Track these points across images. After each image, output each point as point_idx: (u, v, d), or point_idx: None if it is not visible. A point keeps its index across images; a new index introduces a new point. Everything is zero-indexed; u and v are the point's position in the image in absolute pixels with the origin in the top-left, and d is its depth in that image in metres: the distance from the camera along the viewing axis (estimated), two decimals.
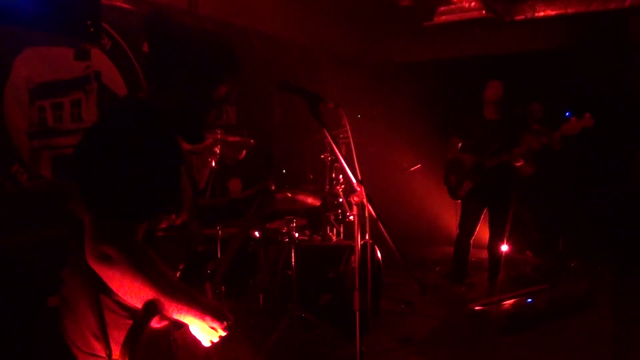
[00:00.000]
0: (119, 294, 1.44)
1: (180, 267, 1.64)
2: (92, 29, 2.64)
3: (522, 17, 6.00)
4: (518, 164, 4.83)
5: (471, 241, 5.24)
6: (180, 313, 1.48)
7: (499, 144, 4.85)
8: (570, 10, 5.83)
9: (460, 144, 5.13)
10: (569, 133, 4.49)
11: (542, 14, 5.92)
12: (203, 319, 1.51)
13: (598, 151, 6.26)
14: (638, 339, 4.20)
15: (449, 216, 6.53)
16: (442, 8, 5.26)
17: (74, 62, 3.58)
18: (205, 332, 1.54)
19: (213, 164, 3.83)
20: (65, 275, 1.60)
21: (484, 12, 5.06)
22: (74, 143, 1.53)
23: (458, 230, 5.30)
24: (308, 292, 4.01)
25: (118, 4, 3.94)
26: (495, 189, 5.01)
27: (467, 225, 5.21)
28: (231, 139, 3.89)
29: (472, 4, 5.11)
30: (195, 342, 1.59)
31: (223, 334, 1.57)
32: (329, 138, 2.06)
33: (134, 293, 1.42)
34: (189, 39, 1.55)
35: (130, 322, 1.47)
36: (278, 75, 5.33)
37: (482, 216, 5.17)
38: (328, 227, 4.70)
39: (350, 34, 6.72)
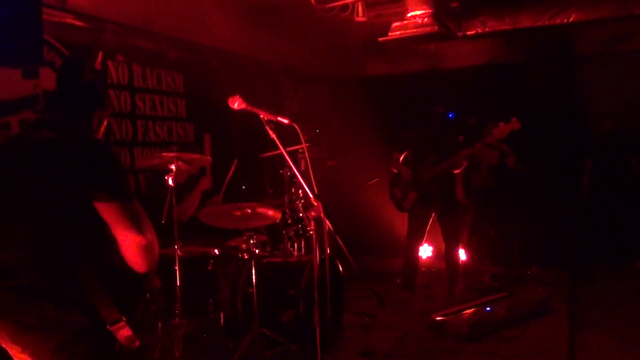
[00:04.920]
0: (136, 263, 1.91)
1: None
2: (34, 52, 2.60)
3: (474, 32, 6.18)
4: (457, 171, 5.00)
5: (419, 249, 5.37)
6: None
7: (436, 155, 5.02)
8: (519, 26, 6.04)
9: (401, 158, 5.26)
10: (498, 137, 4.67)
11: (492, 29, 6.11)
12: None
13: (550, 160, 6.46)
14: (594, 343, 4.31)
15: None
16: (396, 24, 5.35)
17: (23, 81, 3.48)
18: None
19: (170, 181, 3.75)
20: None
21: (436, 27, 5.18)
22: None
23: (405, 240, 5.38)
24: (270, 309, 3.97)
25: (69, 21, 3.86)
26: (439, 198, 5.14)
27: (414, 234, 5.30)
28: (188, 156, 3.83)
29: (425, 19, 5.22)
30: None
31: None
32: (284, 153, 2.07)
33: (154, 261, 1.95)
34: (93, 81, 2.12)
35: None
36: (236, 92, 5.28)
37: (431, 225, 5.29)
38: (289, 243, 4.68)
39: (307, 50, 6.77)
